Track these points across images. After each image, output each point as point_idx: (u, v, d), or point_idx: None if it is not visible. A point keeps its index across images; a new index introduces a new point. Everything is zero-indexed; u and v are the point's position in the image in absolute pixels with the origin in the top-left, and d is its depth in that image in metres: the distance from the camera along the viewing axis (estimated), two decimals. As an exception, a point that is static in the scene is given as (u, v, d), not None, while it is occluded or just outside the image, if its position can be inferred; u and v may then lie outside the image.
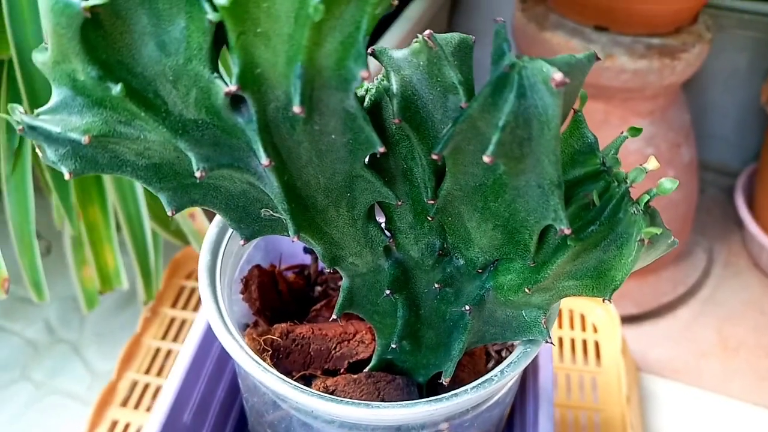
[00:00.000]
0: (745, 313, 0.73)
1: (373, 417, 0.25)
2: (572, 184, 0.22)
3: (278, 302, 0.35)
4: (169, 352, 0.56)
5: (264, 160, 0.19)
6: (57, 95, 0.18)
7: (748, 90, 0.82)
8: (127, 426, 0.51)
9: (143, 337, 0.57)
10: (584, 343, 0.58)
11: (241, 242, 0.24)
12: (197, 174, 0.19)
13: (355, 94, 0.19)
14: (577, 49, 0.59)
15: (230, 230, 0.32)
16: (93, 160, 0.19)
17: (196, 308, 0.60)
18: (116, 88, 0.17)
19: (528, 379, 0.36)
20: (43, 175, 0.57)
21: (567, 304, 0.60)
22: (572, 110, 0.22)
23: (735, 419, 0.61)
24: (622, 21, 0.60)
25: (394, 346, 0.29)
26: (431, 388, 0.32)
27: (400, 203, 0.24)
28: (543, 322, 0.25)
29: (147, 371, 0.55)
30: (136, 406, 0.52)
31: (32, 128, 0.18)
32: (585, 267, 0.23)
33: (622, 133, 0.23)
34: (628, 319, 0.70)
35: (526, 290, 0.24)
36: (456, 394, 0.25)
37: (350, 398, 0.30)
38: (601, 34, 0.61)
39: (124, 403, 0.52)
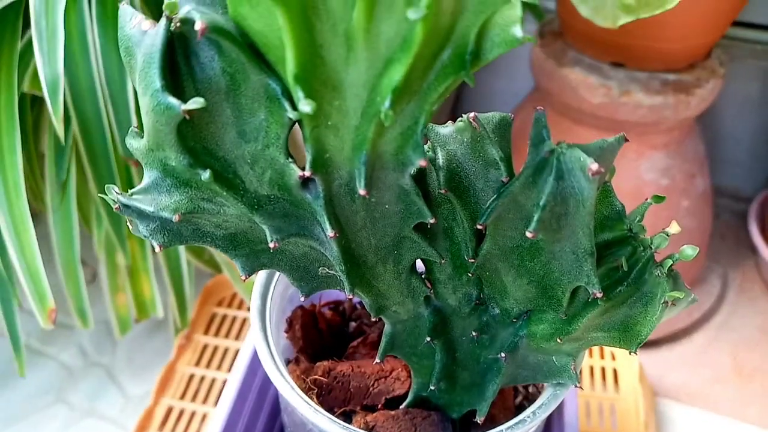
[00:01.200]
0: (760, 338, 0.74)
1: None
2: (602, 247, 0.24)
3: (319, 340, 0.37)
4: (203, 378, 0.59)
5: (330, 233, 0.22)
6: (148, 176, 0.21)
7: (760, 117, 0.84)
8: (165, 450, 0.53)
9: (178, 363, 0.60)
10: (603, 370, 0.60)
11: (302, 298, 0.26)
12: (271, 245, 0.22)
13: (411, 175, 0.21)
14: (594, 85, 0.62)
15: (277, 274, 0.34)
16: (179, 233, 0.22)
17: (227, 335, 0.63)
18: (205, 174, 0.20)
19: (554, 413, 0.38)
20: (84, 208, 0.60)
21: (586, 332, 0.62)
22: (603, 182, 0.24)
23: (752, 445, 0.63)
24: (639, 58, 0.62)
25: (433, 387, 0.31)
26: (464, 423, 0.34)
27: (443, 261, 0.26)
28: (572, 367, 0.28)
29: (182, 397, 0.57)
30: (173, 431, 0.55)
31: (126, 206, 0.21)
32: (613, 321, 0.25)
33: (646, 200, 0.25)
34: (644, 345, 0.72)
35: (558, 340, 0.26)
36: (492, 434, 0.27)
37: (390, 434, 0.32)
38: (618, 70, 0.63)
39: (161, 428, 0.55)
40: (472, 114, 0.22)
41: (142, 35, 0.18)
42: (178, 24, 0.18)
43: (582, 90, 0.62)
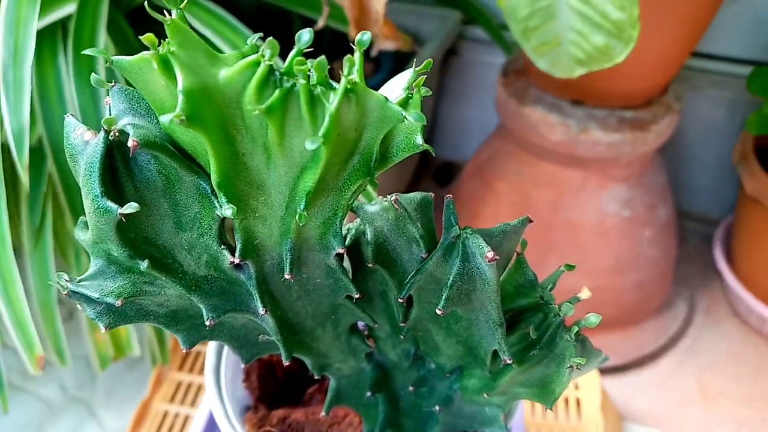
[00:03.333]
0: (726, 361, 0.76)
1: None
2: (518, 312, 0.26)
3: (276, 387, 0.39)
4: (176, 415, 0.60)
5: (261, 310, 0.24)
6: (94, 264, 0.23)
7: (724, 145, 0.87)
8: (140, 488, 0.54)
9: (152, 401, 0.61)
10: (566, 399, 0.62)
11: (242, 365, 0.28)
12: (207, 323, 0.24)
13: (336, 254, 0.23)
14: (553, 123, 0.64)
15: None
16: (123, 314, 0.24)
17: (201, 372, 0.65)
18: (143, 264, 0.22)
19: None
20: (63, 245, 0.62)
21: (550, 361, 0.64)
22: (516, 253, 0.26)
23: (713, 467, 0.64)
24: (597, 97, 0.65)
25: (376, 437, 0.33)
26: (412, 467, 0.36)
27: (377, 325, 0.28)
28: (502, 418, 0.30)
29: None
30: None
31: (75, 293, 0.23)
32: (532, 378, 0.27)
33: (560, 267, 0.27)
34: (611, 371, 0.74)
35: (485, 395, 0.28)
36: (429, 484, 0.29)
37: (341, 478, 0.34)
38: (577, 109, 0.65)
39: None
40: (393, 196, 0.24)
41: (85, 145, 0.20)
42: (117, 134, 0.20)
43: (542, 128, 0.65)
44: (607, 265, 0.70)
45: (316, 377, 0.29)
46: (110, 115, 0.21)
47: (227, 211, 0.20)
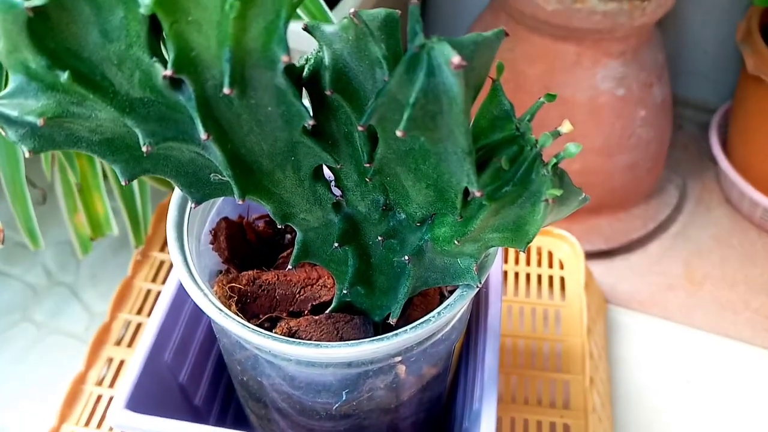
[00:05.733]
0: (714, 247, 0.76)
1: (322, 355, 0.28)
2: (492, 147, 0.24)
3: (248, 251, 0.37)
4: (158, 294, 0.60)
5: (203, 135, 0.21)
6: (13, 81, 0.20)
7: (727, 26, 0.82)
8: (121, 363, 0.55)
9: (134, 279, 0.61)
10: (550, 278, 0.61)
11: (192, 205, 0.26)
12: (144, 149, 0.22)
13: (284, 71, 0.21)
14: (548, -8, 0.60)
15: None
16: (50, 138, 0.22)
17: (182, 252, 0.63)
18: (63, 76, 0.19)
19: (480, 314, 0.39)
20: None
21: (535, 241, 0.63)
22: (491, 79, 0.24)
23: (695, 347, 0.65)
24: (595, -38, 0.60)
25: (345, 291, 0.31)
26: (387, 327, 0.35)
27: (340, 166, 0.26)
28: (475, 269, 0.28)
29: (139, 312, 0.58)
30: (129, 345, 0.56)
31: (-8, 112, 0.21)
32: (506, 222, 0.25)
33: (539, 98, 0.25)
34: (598, 255, 0.73)
35: (456, 242, 0.26)
36: (396, 334, 0.28)
37: (311, 338, 0.33)
38: (574, -24, 0.61)
39: (118, 342, 0.56)
40: (352, 9, 0.22)
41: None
42: None
43: (536, -3, 0.61)
44: (598, 145, 0.68)
45: (279, 226, 0.28)
46: None
47: (145, 1, 0.17)
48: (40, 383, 0.60)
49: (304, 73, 0.25)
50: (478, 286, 0.29)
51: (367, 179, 0.27)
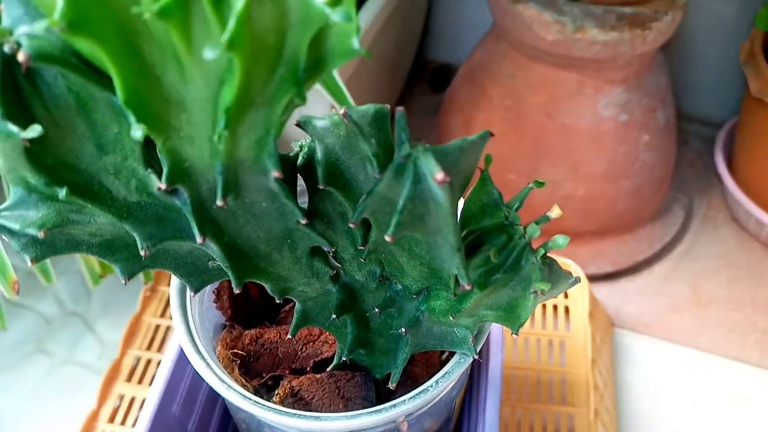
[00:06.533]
0: (720, 267, 0.75)
1: (322, 427, 0.28)
2: (482, 233, 0.24)
3: (251, 307, 0.38)
4: (167, 329, 0.61)
5: (198, 239, 0.22)
6: (14, 193, 0.21)
7: (732, 41, 0.82)
8: (132, 399, 0.55)
9: (143, 315, 0.62)
10: (555, 307, 0.61)
11: (191, 294, 0.27)
12: (141, 252, 0.22)
13: (276, 176, 0.21)
14: (548, 21, 0.60)
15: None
16: (51, 245, 0.22)
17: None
18: (62, 192, 0.20)
19: (482, 365, 0.40)
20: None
21: (540, 271, 0.63)
22: (480, 170, 0.24)
23: (702, 370, 0.65)
24: (595, -10, 0.60)
25: (345, 358, 0.32)
26: (388, 383, 0.36)
27: (334, 249, 0.27)
28: (471, 340, 0.29)
29: (148, 347, 0.59)
30: (140, 381, 0.57)
31: (-5, 224, 0.21)
32: (499, 302, 0.26)
33: (528, 184, 0.25)
34: (604, 277, 0.73)
35: (451, 317, 0.27)
36: (394, 405, 0.29)
37: (313, 398, 0.34)
38: (573, 5, 0.61)
39: (129, 378, 0.57)
40: (342, 110, 0.22)
41: (-22, 60, 0.18)
42: (15, 46, 0.18)
43: (536, 27, 0.61)
44: (601, 171, 0.68)
45: (278, 301, 0.28)
46: (5, 23, 0.18)
47: (137, 132, 0.17)
48: (55, 418, 0.61)
49: (299, 162, 0.25)
50: (475, 357, 0.29)
51: (362, 259, 0.27)
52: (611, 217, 0.72)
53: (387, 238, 0.21)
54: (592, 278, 0.72)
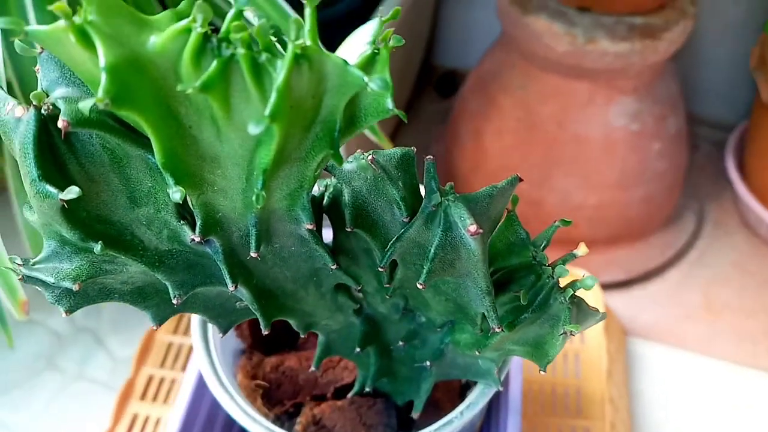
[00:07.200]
0: (732, 274, 0.75)
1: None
2: (510, 271, 0.25)
3: (271, 333, 0.38)
4: (180, 346, 0.61)
5: (230, 287, 0.22)
6: (47, 246, 0.21)
7: (742, 44, 0.82)
8: (146, 418, 0.56)
9: (156, 333, 0.62)
10: (569, 320, 0.61)
11: (220, 335, 0.27)
12: (174, 301, 0.22)
13: (308, 228, 0.21)
14: (558, 33, 0.60)
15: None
16: (85, 295, 0.22)
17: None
18: (96, 247, 0.20)
19: (500, 393, 0.40)
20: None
21: (553, 283, 0.63)
22: (507, 210, 0.24)
23: (715, 379, 0.65)
24: (606, 1, 0.60)
25: (368, 389, 0.32)
26: (408, 409, 0.36)
27: (360, 288, 0.27)
28: (496, 372, 0.29)
29: (161, 365, 0.59)
30: (154, 399, 0.57)
31: (29, 277, 0.21)
32: (526, 338, 0.26)
33: (554, 222, 0.25)
34: (617, 285, 0.73)
35: (477, 351, 0.27)
36: (421, 438, 0.29)
37: (335, 425, 0.34)
38: (584, 16, 0.61)
39: (143, 397, 0.57)
40: (370, 156, 0.22)
41: (17, 122, 0.18)
42: (50, 107, 0.18)
43: (547, 38, 0.61)
44: (613, 180, 0.68)
45: (302, 336, 0.28)
46: (42, 85, 0.18)
47: (175, 194, 0.18)
48: (69, 435, 0.62)
49: (324, 201, 0.25)
50: (499, 389, 0.29)
51: (387, 296, 0.27)
52: (623, 225, 0.72)
53: (419, 286, 0.21)
54: (605, 287, 0.72)
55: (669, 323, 0.71)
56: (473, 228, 0.19)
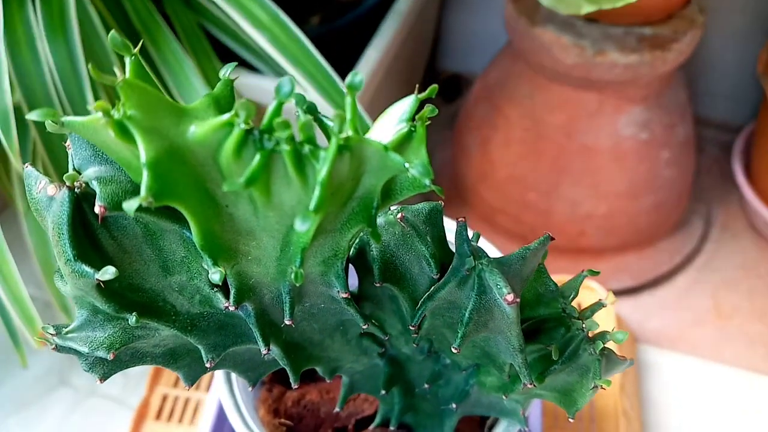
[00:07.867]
0: (741, 277, 0.75)
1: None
2: (539, 321, 0.25)
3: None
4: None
5: (263, 350, 0.22)
6: (80, 315, 0.21)
7: (748, 48, 0.82)
8: (164, 438, 0.56)
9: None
10: (581, 332, 0.61)
11: (250, 389, 0.27)
12: (207, 365, 0.22)
13: (343, 296, 0.21)
14: (568, 46, 0.60)
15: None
16: (118, 361, 0.22)
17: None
18: (131, 319, 0.20)
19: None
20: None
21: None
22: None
23: (726, 384, 0.65)
24: (614, 12, 0.60)
25: (392, 428, 0.32)
26: (431, 441, 0.36)
27: (387, 338, 0.27)
28: (521, 412, 0.29)
29: (175, 384, 0.59)
30: (169, 419, 0.57)
31: (63, 347, 0.21)
32: (554, 385, 0.26)
33: (582, 271, 0.25)
34: (626, 292, 0.73)
35: (503, 396, 0.27)
36: (447, 479, 0.29)
37: (358, 458, 0.34)
38: (592, 27, 0.60)
39: (158, 416, 0.58)
40: (399, 213, 0.22)
41: (49, 201, 0.18)
42: (83, 185, 0.18)
43: (555, 50, 0.60)
44: (622, 189, 0.68)
45: (328, 381, 0.28)
46: (74, 163, 0.18)
47: (214, 275, 0.18)
48: (85, 454, 0.62)
49: (351, 252, 0.25)
50: (525, 430, 0.29)
51: (414, 344, 0.27)
52: (632, 232, 0.72)
53: (453, 350, 0.21)
54: (615, 293, 0.72)
55: (679, 328, 0.71)
56: (510, 297, 0.19)
